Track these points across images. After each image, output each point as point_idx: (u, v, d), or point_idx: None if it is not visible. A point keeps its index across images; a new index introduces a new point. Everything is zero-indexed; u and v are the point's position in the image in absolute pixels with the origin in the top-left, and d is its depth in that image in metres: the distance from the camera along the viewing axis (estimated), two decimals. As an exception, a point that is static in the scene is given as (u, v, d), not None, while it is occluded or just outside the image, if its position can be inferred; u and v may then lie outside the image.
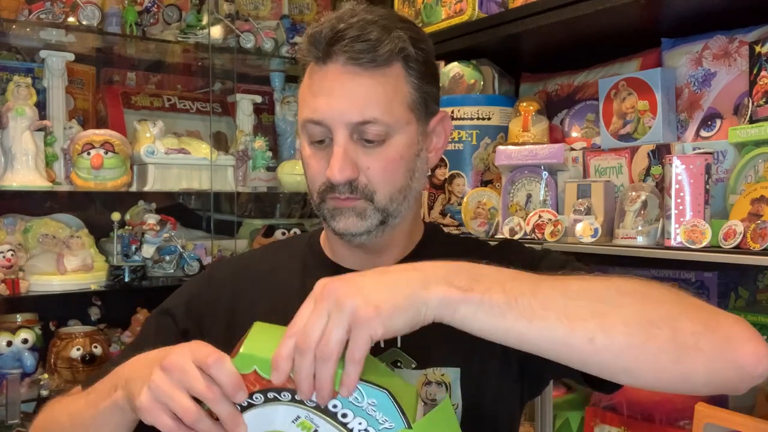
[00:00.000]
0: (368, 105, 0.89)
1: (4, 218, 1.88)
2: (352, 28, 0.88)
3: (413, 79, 0.93)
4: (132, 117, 2.16)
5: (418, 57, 0.93)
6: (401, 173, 0.94)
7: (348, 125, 0.89)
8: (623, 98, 1.51)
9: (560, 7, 1.47)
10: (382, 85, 0.90)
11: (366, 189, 0.92)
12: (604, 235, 1.42)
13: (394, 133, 0.91)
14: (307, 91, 0.93)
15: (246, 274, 1.08)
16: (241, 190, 2.15)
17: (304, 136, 0.95)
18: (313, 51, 0.91)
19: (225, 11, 2.12)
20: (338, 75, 0.89)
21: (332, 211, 0.95)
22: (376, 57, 0.89)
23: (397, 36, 0.90)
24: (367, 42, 0.88)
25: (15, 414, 1.72)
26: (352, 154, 0.90)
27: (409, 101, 0.93)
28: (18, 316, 1.88)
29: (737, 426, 1.17)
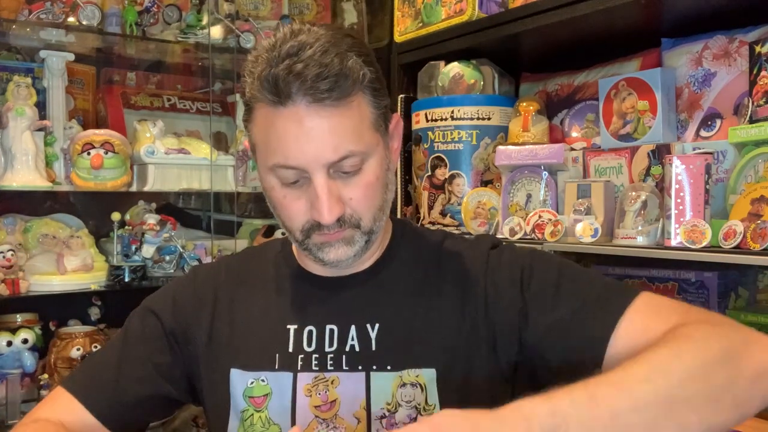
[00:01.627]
0: (341, 141, 0.87)
1: (4, 218, 1.88)
2: (310, 65, 0.83)
3: (373, 99, 0.91)
4: (132, 117, 2.16)
5: (372, 75, 0.90)
6: (379, 193, 0.93)
7: (326, 165, 0.87)
8: (623, 98, 1.51)
9: (560, 7, 1.47)
10: (348, 117, 0.87)
11: (352, 219, 0.91)
12: (604, 235, 1.42)
13: (368, 158, 0.90)
14: (272, 136, 0.88)
15: (226, 278, 1.07)
16: (241, 190, 2.15)
17: (272, 179, 0.91)
18: (268, 96, 0.86)
19: (225, 11, 2.12)
20: (304, 117, 0.85)
21: (320, 245, 0.94)
22: (341, 93, 0.85)
23: (354, 63, 0.87)
24: (329, 80, 0.84)
25: (15, 414, 1.72)
26: (334, 190, 0.89)
27: (373, 122, 0.91)
28: (18, 316, 1.88)
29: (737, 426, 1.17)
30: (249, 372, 0.98)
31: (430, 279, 1.00)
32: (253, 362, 0.98)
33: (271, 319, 1.01)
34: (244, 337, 1.01)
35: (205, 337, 1.02)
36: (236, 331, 1.01)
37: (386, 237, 1.04)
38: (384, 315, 0.97)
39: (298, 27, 0.89)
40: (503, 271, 0.97)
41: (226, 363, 1.00)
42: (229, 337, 1.01)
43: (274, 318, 1.01)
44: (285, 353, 0.98)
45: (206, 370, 1.02)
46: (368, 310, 0.98)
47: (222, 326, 1.02)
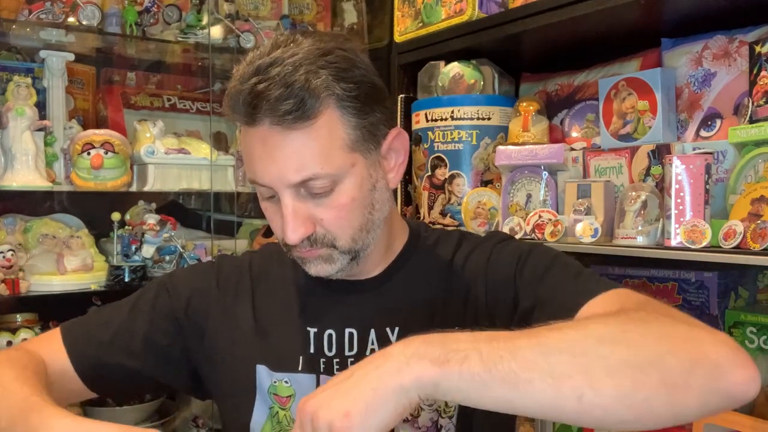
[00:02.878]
0: (305, 163, 0.85)
1: (4, 218, 1.88)
2: (273, 85, 0.82)
3: (350, 118, 0.87)
4: (132, 117, 2.15)
5: (350, 92, 0.87)
6: (357, 214, 0.91)
7: (290, 186, 0.87)
8: (623, 98, 1.51)
9: (560, 7, 1.47)
10: (314, 138, 0.85)
11: (325, 238, 0.91)
12: (604, 235, 1.42)
13: (340, 180, 0.88)
14: (244, 151, 0.90)
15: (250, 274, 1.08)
16: (241, 190, 2.15)
17: (257, 191, 0.94)
18: (235, 116, 0.87)
19: (225, 11, 2.12)
20: (267, 138, 0.85)
21: (300, 260, 0.95)
22: (304, 114, 0.83)
23: (323, 82, 0.84)
24: (290, 101, 0.82)
25: (15, 414, 1.72)
26: (302, 210, 0.88)
27: (350, 143, 0.88)
28: (18, 316, 1.88)
29: (737, 426, 1.17)
30: (274, 372, 0.99)
31: (447, 282, 1.00)
32: (278, 363, 0.99)
33: (293, 320, 1.01)
34: (268, 336, 1.01)
35: (225, 329, 1.02)
36: (260, 329, 1.01)
37: (400, 242, 1.04)
38: (403, 319, 0.97)
39: (284, 38, 0.88)
40: (502, 265, 0.97)
41: (251, 358, 1.00)
42: (254, 334, 1.01)
43: (295, 319, 1.01)
44: (307, 356, 0.98)
45: (225, 363, 1.02)
46: (387, 315, 0.98)
47: (245, 321, 1.02)
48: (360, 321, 0.98)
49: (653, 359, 0.68)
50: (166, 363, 1.03)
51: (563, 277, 0.92)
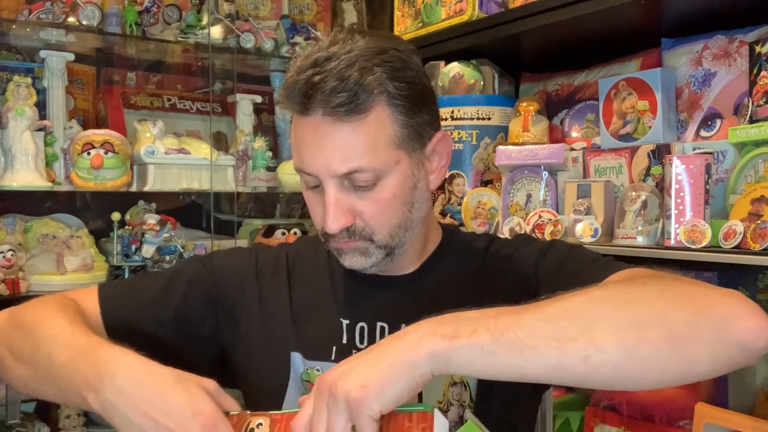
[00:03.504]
0: (352, 155, 0.88)
1: (4, 218, 1.88)
2: (329, 78, 0.86)
3: (399, 116, 0.90)
4: (132, 117, 2.15)
5: (402, 91, 0.90)
6: (397, 210, 0.94)
7: (335, 176, 0.89)
8: (623, 98, 1.51)
9: (560, 7, 1.47)
10: (363, 133, 0.88)
11: (364, 231, 0.93)
12: (604, 235, 1.42)
13: (383, 175, 0.90)
14: (294, 140, 0.94)
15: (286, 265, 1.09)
16: (241, 190, 2.15)
17: (302, 180, 0.96)
18: (290, 104, 0.91)
19: (225, 11, 2.12)
20: (318, 128, 0.88)
21: (336, 251, 0.97)
22: (356, 107, 0.87)
23: (376, 79, 0.88)
24: (344, 94, 0.86)
25: (15, 414, 1.72)
26: (344, 201, 0.91)
27: (396, 140, 0.91)
28: (18, 316, 1.88)
29: (737, 426, 1.17)
30: (307, 360, 1.01)
31: (478, 282, 1.02)
32: (313, 351, 1.01)
33: (327, 310, 1.04)
34: (303, 325, 1.03)
35: (261, 314, 1.05)
36: (296, 317, 1.04)
37: (434, 242, 1.07)
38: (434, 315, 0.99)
39: (342, 35, 0.91)
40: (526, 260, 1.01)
41: (287, 345, 1.02)
42: (289, 321, 1.03)
43: (329, 310, 1.03)
44: (340, 346, 1.01)
45: (259, 348, 1.04)
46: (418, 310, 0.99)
47: (281, 308, 1.05)
48: (391, 315, 1.00)
49: (655, 314, 0.69)
50: (193, 339, 1.04)
51: (581, 265, 0.95)
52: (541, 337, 0.68)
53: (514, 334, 0.68)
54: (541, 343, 0.68)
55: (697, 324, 0.69)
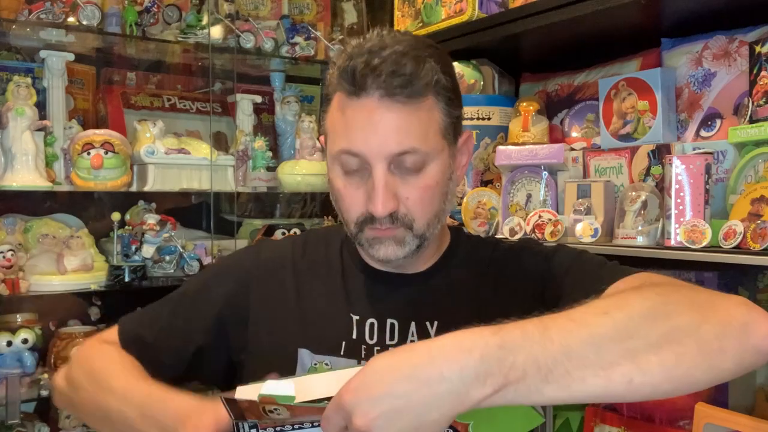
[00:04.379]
0: (406, 136, 0.90)
1: (4, 218, 1.88)
2: (387, 62, 0.89)
3: (444, 106, 0.94)
4: (132, 117, 2.16)
5: (448, 84, 0.94)
6: (437, 199, 0.96)
7: (387, 157, 0.90)
8: (623, 98, 1.51)
9: (560, 7, 1.47)
10: (417, 116, 0.91)
11: (406, 218, 0.94)
12: (604, 235, 1.42)
13: (430, 161, 0.93)
14: (341, 123, 0.94)
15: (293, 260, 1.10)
16: (241, 190, 2.15)
17: (337, 167, 0.95)
18: (345, 85, 0.92)
19: (225, 11, 2.12)
20: (374, 109, 0.90)
21: (371, 240, 0.96)
22: (412, 91, 0.90)
23: (430, 67, 0.91)
24: (403, 77, 0.89)
25: (15, 414, 1.72)
26: (391, 185, 0.92)
27: (442, 128, 0.94)
28: (18, 316, 1.88)
29: (737, 426, 1.17)
30: (315, 355, 1.01)
31: (487, 284, 1.03)
32: (322, 346, 1.01)
33: (336, 306, 1.04)
34: (312, 321, 1.04)
35: (268, 314, 1.05)
36: (305, 314, 1.04)
37: (445, 241, 1.08)
38: (443, 314, 1.00)
39: (387, 32, 0.95)
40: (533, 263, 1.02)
41: (294, 342, 1.03)
42: (297, 319, 1.04)
43: (338, 306, 1.04)
44: (350, 341, 1.01)
45: (266, 346, 1.05)
46: (427, 309, 1.01)
47: (288, 306, 1.05)
48: (401, 313, 1.01)
49: (689, 328, 0.71)
50: (203, 360, 1.07)
51: (588, 268, 0.97)
52: (589, 368, 0.67)
53: (563, 369, 0.67)
54: (588, 374, 0.67)
55: (724, 336, 0.72)
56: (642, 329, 0.70)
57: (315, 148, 2.18)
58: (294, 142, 2.26)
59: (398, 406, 0.66)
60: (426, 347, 0.69)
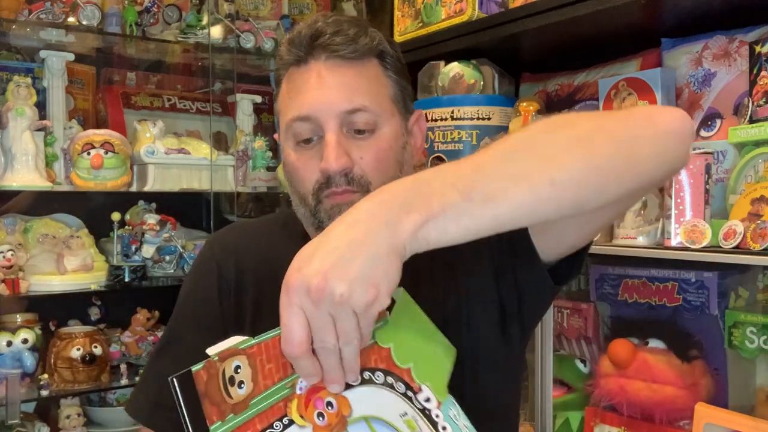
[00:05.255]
0: (356, 93, 0.91)
1: (4, 218, 1.88)
2: (330, 26, 0.92)
3: (391, 74, 0.96)
4: (132, 117, 2.16)
5: (393, 55, 0.96)
6: (392, 163, 0.94)
7: (339, 115, 0.90)
8: (623, 98, 1.51)
9: (560, 7, 1.47)
10: (364, 75, 0.93)
11: (362, 180, 0.92)
12: (604, 235, 1.42)
13: (382, 123, 0.93)
14: (290, 93, 0.95)
15: (246, 253, 1.05)
16: (241, 190, 2.15)
17: (289, 140, 0.95)
18: (293, 52, 0.94)
19: (225, 11, 2.12)
20: (322, 70, 0.92)
21: (329, 211, 0.93)
22: (356, 49, 0.92)
23: (373, 33, 0.94)
24: (346, 35, 0.91)
25: (15, 414, 1.72)
26: (344, 144, 0.91)
27: (391, 94, 0.95)
28: (18, 316, 1.88)
29: (737, 426, 1.17)
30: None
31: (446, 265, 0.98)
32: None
33: None
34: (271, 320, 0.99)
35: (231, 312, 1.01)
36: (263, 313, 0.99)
37: None
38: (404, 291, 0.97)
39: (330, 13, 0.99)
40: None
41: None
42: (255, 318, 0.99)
43: None
44: None
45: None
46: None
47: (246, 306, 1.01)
48: None
49: (593, 127, 0.75)
50: None
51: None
52: (507, 180, 0.67)
53: (482, 186, 0.67)
54: (509, 186, 0.67)
55: (629, 124, 0.75)
56: (546, 138, 0.72)
57: (315, 148, 2.18)
58: (294, 142, 2.26)
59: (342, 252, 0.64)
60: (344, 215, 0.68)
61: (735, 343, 1.35)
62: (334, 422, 0.66)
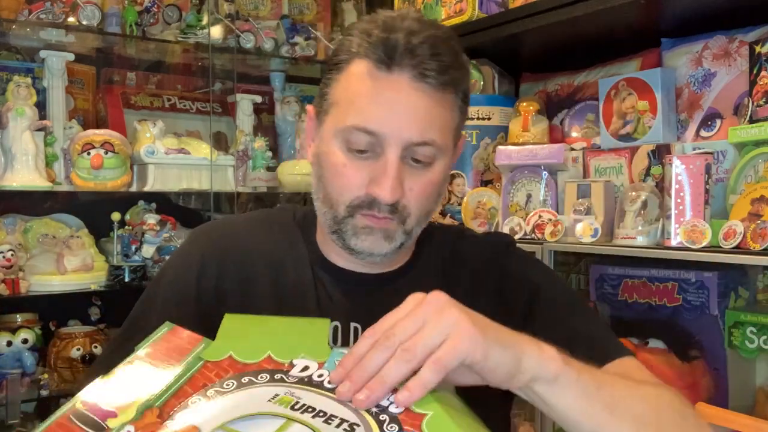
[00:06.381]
0: (429, 126, 0.85)
1: (4, 218, 1.88)
2: (426, 44, 0.84)
3: (461, 104, 0.91)
4: (132, 117, 2.16)
5: (467, 85, 0.92)
6: (434, 197, 0.92)
7: (406, 144, 0.85)
8: (623, 98, 1.51)
9: (560, 7, 1.47)
10: (441, 107, 0.87)
11: (405, 210, 0.88)
12: (604, 235, 1.42)
13: (440, 157, 0.89)
14: (358, 93, 0.86)
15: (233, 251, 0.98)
16: (241, 190, 2.15)
17: (340, 142, 0.87)
18: (378, 54, 0.84)
19: (225, 11, 2.12)
20: (404, 88, 0.84)
21: (359, 229, 0.89)
22: (445, 81, 0.85)
23: (463, 63, 0.89)
24: (441, 62, 0.84)
25: (15, 414, 1.72)
26: (401, 173, 0.86)
27: (455, 128, 0.91)
28: (18, 316, 1.88)
29: (737, 426, 1.17)
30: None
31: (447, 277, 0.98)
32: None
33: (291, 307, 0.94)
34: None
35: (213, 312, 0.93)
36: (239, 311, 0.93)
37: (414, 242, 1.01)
38: None
39: (417, 12, 0.92)
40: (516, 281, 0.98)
41: None
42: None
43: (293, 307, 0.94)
44: None
45: None
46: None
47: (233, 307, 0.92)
48: (365, 317, 0.92)
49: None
50: None
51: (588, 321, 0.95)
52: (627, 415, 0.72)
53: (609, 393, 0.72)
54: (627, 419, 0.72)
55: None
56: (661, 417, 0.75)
57: (315, 148, 2.18)
58: (294, 142, 2.26)
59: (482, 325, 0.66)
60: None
61: (735, 343, 1.35)
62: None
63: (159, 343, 0.72)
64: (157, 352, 0.71)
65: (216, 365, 0.69)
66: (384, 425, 0.58)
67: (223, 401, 0.65)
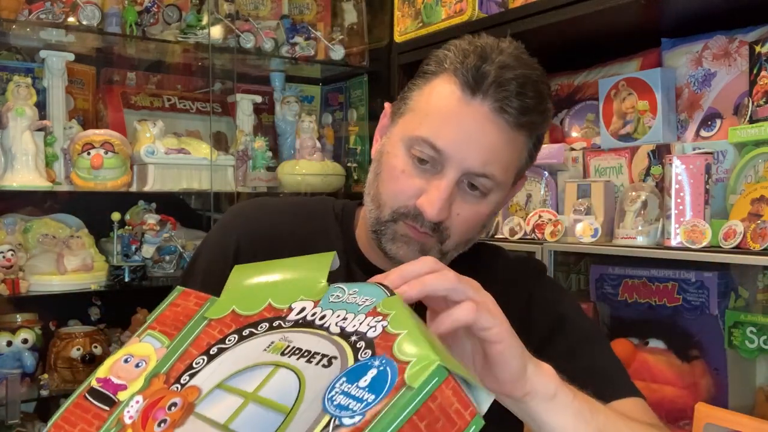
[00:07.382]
0: (494, 161, 0.87)
1: (4, 218, 1.88)
2: (515, 82, 0.86)
3: (530, 148, 0.92)
4: (132, 117, 2.15)
5: (543, 131, 0.93)
6: (478, 227, 0.93)
7: (466, 170, 0.87)
8: (623, 98, 1.51)
9: (560, 7, 1.47)
10: (511, 146, 0.88)
11: (445, 232, 0.90)
12: (604, 235, 1.42)
13: (496, 191, 0.90)
14: (438, 110, 0.88)
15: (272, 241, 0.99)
16: (241, 190, 2.15)
17: (404, 147, 0.89)
18: (466, 78, 0.86)
19: (225, 11, 2.12)
20: (480, 118, 0.86)
21: (398, 236, 0.91)
22: (522, 122, 0.87)
23: (546, 108, 0.90)
24: (524, 103, 0.86)
25: (15, 414, 1.72)
26: (452, 195, 0.88)
27: (518, 168, 0.92)
28: (18, 316, 1.88)
29: (737, 426, 1.17)
30: None
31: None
32: None
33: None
34: None
35: None
36: None
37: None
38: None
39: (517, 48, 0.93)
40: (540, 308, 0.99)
41: None
42: None
43: None
44: None
45: None
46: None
47: None
48: None
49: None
50: None
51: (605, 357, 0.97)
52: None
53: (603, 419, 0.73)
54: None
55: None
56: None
57: (315, 148, 2.18)
58: (294, 142, 2.26)
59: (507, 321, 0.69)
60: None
61: (735, 343, 1.35)
62: (178, 417, 0.63)
63: (169, 309, 0.74)
64: (167, 319, 0.73)
65: (219, 322, 0.69)
66: (359, 353, 0.59)
67: (223, 358, 0.66)
